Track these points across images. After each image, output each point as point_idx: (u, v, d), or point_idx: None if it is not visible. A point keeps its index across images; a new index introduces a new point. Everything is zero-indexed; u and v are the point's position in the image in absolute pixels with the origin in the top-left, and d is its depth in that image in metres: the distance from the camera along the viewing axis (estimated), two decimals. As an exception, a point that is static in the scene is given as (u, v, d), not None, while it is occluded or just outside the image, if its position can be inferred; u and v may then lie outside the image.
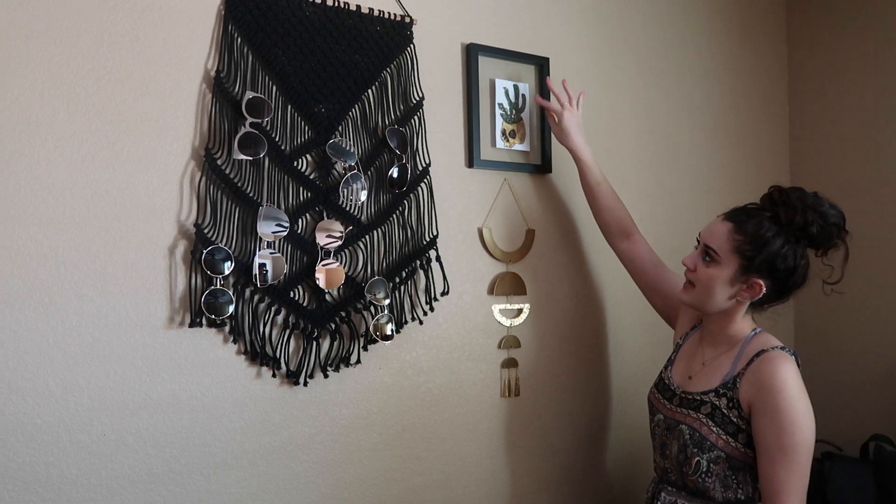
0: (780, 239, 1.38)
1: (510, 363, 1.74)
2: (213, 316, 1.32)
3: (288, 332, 1.43)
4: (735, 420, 1.38)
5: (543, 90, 1.79)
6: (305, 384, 1.45)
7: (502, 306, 1.73)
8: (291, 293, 1.43)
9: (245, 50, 1.39)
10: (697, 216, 2.05)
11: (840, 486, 1.88)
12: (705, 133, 2.19)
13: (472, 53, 1.68)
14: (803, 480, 1.32)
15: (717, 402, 1.41)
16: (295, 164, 1.44)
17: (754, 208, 1.44)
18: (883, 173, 2.18)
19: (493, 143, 1.72)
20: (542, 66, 1.80)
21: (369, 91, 1.54)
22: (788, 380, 1.33)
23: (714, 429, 1.40)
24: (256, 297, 1.39)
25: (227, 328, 1.36)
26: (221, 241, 1.35)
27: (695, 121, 2.16)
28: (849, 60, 2.27)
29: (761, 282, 1.39)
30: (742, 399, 1.38)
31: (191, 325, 1.32)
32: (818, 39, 2.35)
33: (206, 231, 1.33)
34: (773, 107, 2.39)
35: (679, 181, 2.11)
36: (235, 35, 1.38)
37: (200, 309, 1.32)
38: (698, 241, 1.47)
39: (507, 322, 1.73)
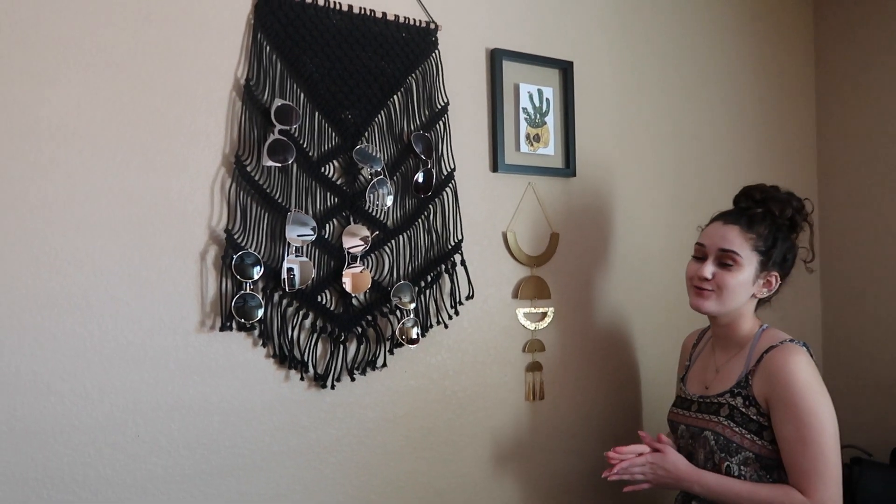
0: (782, 231, 1.48)
1: (534, 367, 1.74)
2: (242, 320, 1.35)
3: (315, 335, 1.45)
4: (755, 418, 1.39)
5: (568, 94, 1.79)
6: (333, 387, 1.46)
7: (527, 310, 1.73)
8: (319, 297, 1.45)
9: (274, 58, 1.42)
10: (723, 219, 2.04)
11: (871, 492, 1.85)
12: (731, 136, 2.17)
13: (496, 58, 1.69)
14: (832, 468, 1.32)
15: (734, 402, 1.42)
16: (322, 170, 1.46)
17: (746, 207, 1.50)
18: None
19: (518, 148, 1.73)
20: (566, 69, 1.81)
21: (395, 97, 1.56)
22: (800, 370, 1.36)
23: (737, 430, 1.40)
24: (285, 302, 1.41)
25: (256, 332, 1.39)
26: (251, 247, 1.38)
27: (720, 123, 2.15)
28: (876, 60, 2.24)
29: (776, 273, 1.48)
30: (758, 395, 1.39)
31: (221, 329, 1.35)
32: (846, 39, 2.32)
33: (236, 236, 1.36)
34: (800, 108, 2.36)
35: (704, 185, 2.10)
36: (264, 43, 1.41)
37: (231, 313, 1.34)
38: (699, 252, 1.50)
39: (531, 326, 1.74)
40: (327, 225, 1.47)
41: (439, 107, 1.61)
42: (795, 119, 2.35)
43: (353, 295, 1.48)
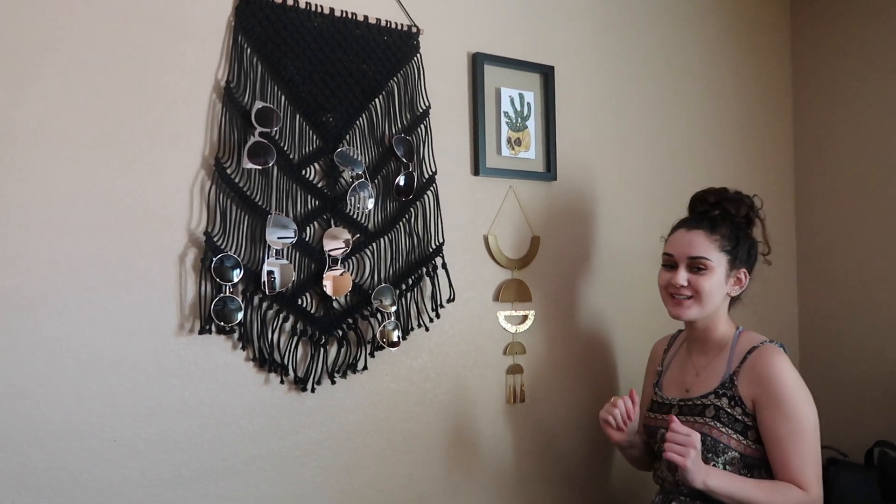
0: (741, 229, 1.54)
1: (515, 370, 1.75)
2: (222, 323, 1.34)
3: (296, 338, 1.44)
4: (741, 417, 1.41)
5: (549, 99, 1.81)
6: (313, 390, 1.46)
7: (508, 313, 1.74)
8: (299, 300, 1.45)
9: (254, 60, 1.41)
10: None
11: (845, 492, 1.88)
12: (709, 140, 2.20)
13: (477, 62, 1.70)
14: (817, 464, 1.38)
15: (719, 403, 1.44)
16: (303, 172, 1.46)
17: (704, 211, 1.56)
18: (889, 175, 2.18)
19: (499, 151, 1.74)
20: (547, 74, 1.82)
21: (376, 100, 1.56)
22: (787, 371, 1.41)
23: (724, 430, 1.42)
24: (265, 305, 1.41)
25: (235, 335, 1.38)
26: (231, 249, 1.37)
27: (699, 127, 2.17)
28: (851, 62, 2.28)
29: (744, 270, 1.53)
30: (744, 396, 1.42)
31: (200, 332, 1.34)
32: (822, 43, 2.36)
33: (215, 239, 1.35)
34: (776, 112, 2.39)
35: (683, 188, 2.10)
36: (245, 46, 1.40)
37: (210, 316, 1.34)
38: (669, 262, 1.54)
39: (512, 329, 1.74)
40: (308, 228, 1.47)
41: (421, 110, 1.61)
42: (772, 122, 2.38)
43: (334, 298, 1.48)
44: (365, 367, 1.52)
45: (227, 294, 1.35)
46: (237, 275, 1.35)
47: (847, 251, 2.28)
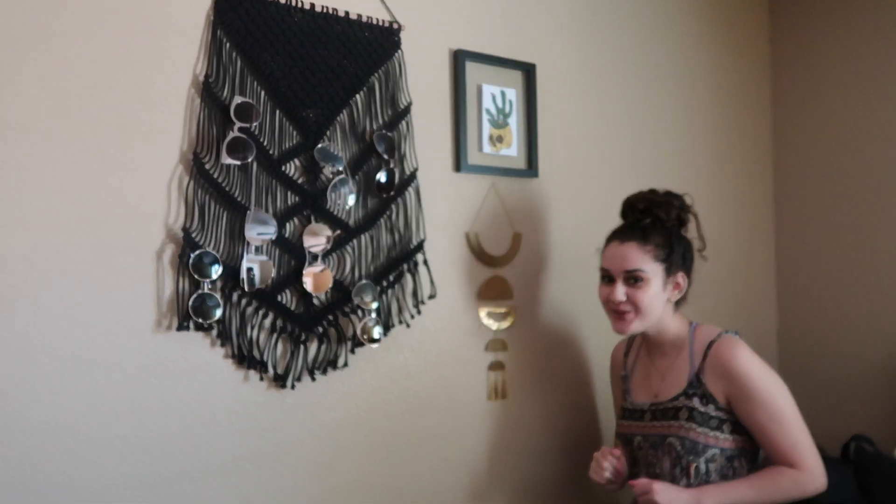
0: (674, 233, 1.54)
1: (497, 366, 1.75)
2: (200, 320, 1.33)
3: (275, 335, 1.43)
4: (714, 414, 1.43)
5: (531, 96, 1.81)
6: (293, 387, 1.45)
7: (489, 309, 1.74)
8: (279, 297, 1.44)
9: (234, 55, 1.40)
10: (682, 220, 2.08)
11: (822, 486, 1.90)
12: (690, 139, 2.22)
13: (459, 59, 1.69)
14: (805, 436, 1.42)
15: (691, 403, 1.45)
16: (283, 168, 1.45)
17: (634, 221, 1.55)
18: (866, 173, 2.21)
19: (481, 148, 1.74)
20: (528, 72, 1.82)
21: (357, 96, 1.55)
22: (749, 360, 1.44)
23: (700, 430, 1.43)
24: (244, 301, 1.40)
25: (214, 332, 1.37)
26: (209, 246, 1.36)
27: (680, 125, 2.19)
28: (831, 66, 2.31)
29: (682, 273, 1.53)
30: (714, 392, 1.44)
31: (178, 329, 1.32)
32: (800, 43, 2.39)
33: (193, 235, 1.34)
34: (756, 111, 2.42)
35: (664, 185, 2.12)
36: (224, 40, 1.39)
37: (188, 313, 1.32)
38: (606, 276, 1.54)
39: (494, 325, 1.75)
40: (288, 224, 1.46)
41: (402, 106, 1.61)
42: (752, 121, 2.41)
43: (314, 295, 1.47)
44: (346, 364, 1.52)
45: (206, 291, 1.34)
46: (216, 271, 1.34)
47: (825, 252, 2.31)
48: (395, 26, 1.60)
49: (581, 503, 1.90)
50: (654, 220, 1.53)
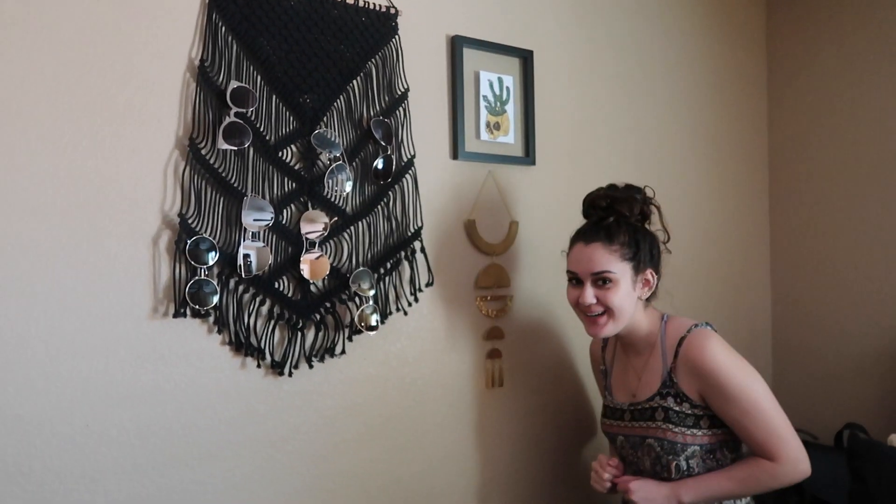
0: (639, 230, 1.50)
1: (494, 354, 1.75)
2: (197, 306, 1.32)
3: (273, 322, 1.43)
4: (690, 412, 1.42)
5: (528, 83, 1.80)
6: (290, 375, 1.45)
7: (486, 297, 1.74)
8: (276, 284, 1.43)
9: (230, 39, 1.39)
10: (679, 210, 2.08)
11: (814, 474, 1.91)
12: (688, 126, 2.21)
13: (456, 45, 1.68)
14: (782, 425, 1.38)
15: (666, 403, 1.44)
16: (280, 154, 1.44)
17: (597, 220, 1.51)
18: (860, 167, 2.22)
19: (478, 135, 1.73)
20: (526, 58, 1.81)
21: (354, 82, 1.54)
22: (719, 355, 1.40)
23: (677, 430, 1.43)
24: (241, 288, 1.39)
25: (211, 319, 1.36)
26: (206, 232, 1.34)
27: (676, 113, 2.19)
28: (827, 59, 2.31)
29: (650, 270, 1.49)
30: (687, 391, 1.43)
31: (175, 316, 1.31)
32: (797, 35, 2.39)
33: (190, 221, 1.33)
34: (752, 102, 2.42)
35: (660, 174, 2.13)
36: (220, 24, 1.37)
37: (185, 299, 1.31)
38: (573, 278, 1.50)
39: (491, 313, 1.74)
40: (285, 210, 1.45)
41: (399, 93, 1.59)
42: (748, 111, 2.41)
43: (312, 281, 1.46)
44: (343, 352, 1.51)
45: (203, 277, 1.33)
46: (212, 257, 1.33)
47: (819, 246, 2.32)
48: (393, 11, 1.58)
49: (577, 491, 1.91)
50: (617, 217, 1.49)
